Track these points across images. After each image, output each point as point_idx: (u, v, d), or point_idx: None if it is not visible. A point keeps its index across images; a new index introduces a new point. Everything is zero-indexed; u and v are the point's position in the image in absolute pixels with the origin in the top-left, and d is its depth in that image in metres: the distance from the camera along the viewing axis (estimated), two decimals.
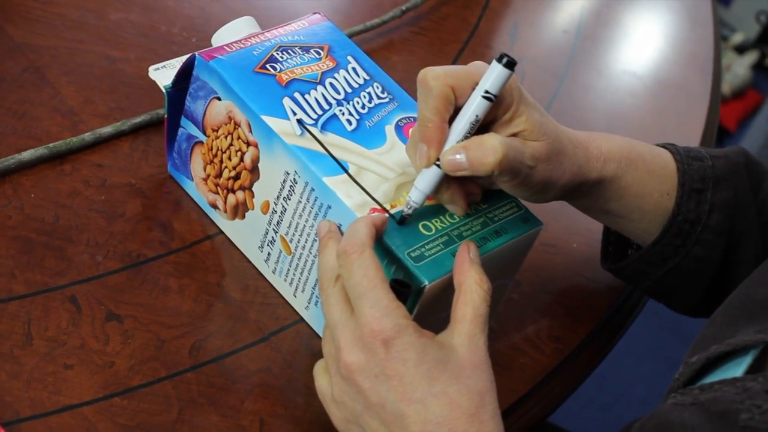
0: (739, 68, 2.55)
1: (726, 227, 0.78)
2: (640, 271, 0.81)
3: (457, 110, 0.68)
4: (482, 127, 0.68)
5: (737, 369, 0.61)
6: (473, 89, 0.67)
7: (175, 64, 0.80)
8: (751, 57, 2.59)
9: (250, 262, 0.79)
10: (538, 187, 0.71)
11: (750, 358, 0.61)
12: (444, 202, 0.71)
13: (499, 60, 0.66)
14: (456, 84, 0.67)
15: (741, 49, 2.64)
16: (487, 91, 0.67)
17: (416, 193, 0.69)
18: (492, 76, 0.67)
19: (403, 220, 0.69)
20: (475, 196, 0.72)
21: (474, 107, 0.67)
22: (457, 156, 0.67)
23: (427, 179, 0.68)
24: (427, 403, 0.61)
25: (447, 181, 0.69)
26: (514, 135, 0.69)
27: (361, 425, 0.64)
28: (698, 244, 0.78)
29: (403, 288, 0.66)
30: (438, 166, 0.68)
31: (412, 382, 0.62)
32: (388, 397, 0.62)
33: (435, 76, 0.67)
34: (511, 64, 0.66)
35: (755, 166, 0.81)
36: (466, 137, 0.68)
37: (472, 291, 0.65)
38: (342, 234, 0.68)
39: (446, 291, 0.68)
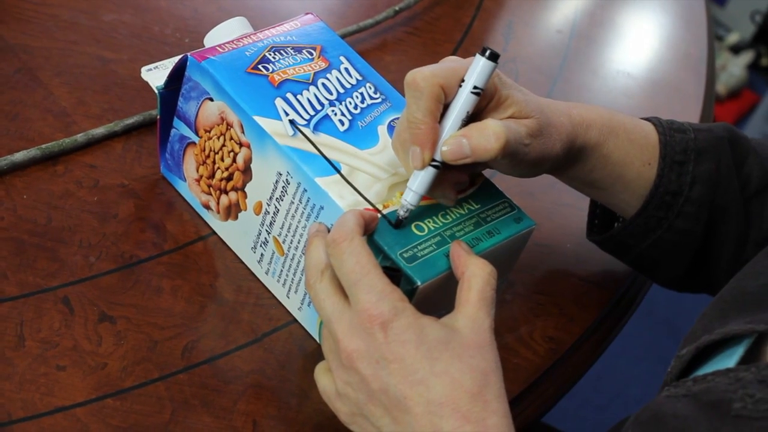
0: (735, 68, 2.55)
1: (708, 200, 0.79)
2: (624, 243, 0.82)
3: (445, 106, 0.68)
4: (469, 118, 0.69)
5: (729, 360, 0.61)
6: (459, 86, 0.68)
7: (168, 65, 0.80)
8: (747, 57, 2.59)
9: (243, 263, 0.79)
10: (533, 163, 0.72)
11: (742, 349, 0.62)
12: (436, 197, 0.71)
13: (482, 53, 0.67)
14: (445, 83, 0.67)
15: (736, 49, 2.64)
16: (475, 86, 0.67)
17: (411, 195, 0.69)
18: (477, 70, 0.67)
19: (399, 224, 0.69)
20: (462, 184, 0.72)
21: (462, 103, 0.68)
22: (459, 146, 0.67)
23: (421, 180, 0.68)
24: (429, 384, 0.61)
25: (438, 176, 0.69)
26: (506, 119, 0.70)
27: (366, 415, 0.63)
28: (680, 217, 0.79)
29: (394, 272, 0.66)
30: (433, 166, 0.68)
31: (413, 363, 0.61)
32: (390, 381, 0.61)
33: (424, 77, 0.67)
34: (494, 56, 0.67)
35: (739, 141, 0.81)
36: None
37: (475, 275, 0.64)
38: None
39: (439, 291, 0.68)
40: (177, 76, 0.77)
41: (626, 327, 0.92)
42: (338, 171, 0.71)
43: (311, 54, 0.77)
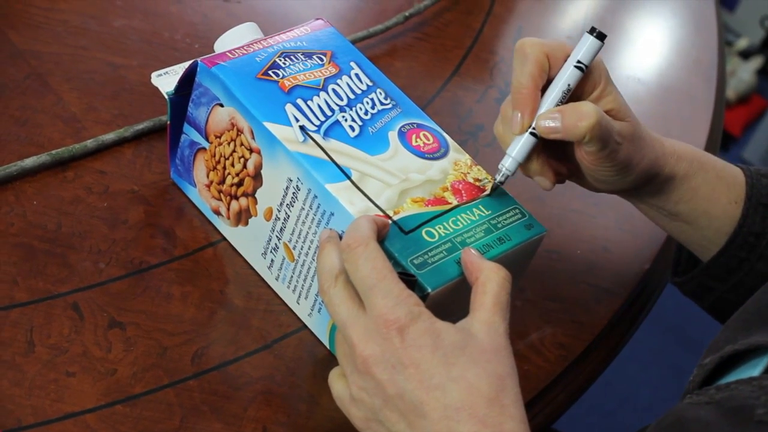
0: (744, 73, 2.54)
1: None
2: (705, 285, 0.82)
3: (548, 82, 0.71)
4: (571, 95, 0.72)
5: (753, 371, 0.61)
6: (565, 61, 0.71)
7: (178, 71, 0.80)
8: (756, 62, 2.59)
9: (253, 269, 0.79)
10: (620, 165, 0.73)
11: (766, 360, 0.61)
12: (532, 173, 0.74)
13: (591, 32, 0.70)
14: (551, 53, 0.70)
15: (746, 55, 2.63)
16: (579, 61, 0.71)
17: (509, 161, 0.72)
18: (584, 47, 0.71)
19: (495, 189, 0.72)
20: (562, 176, 0.75)
21: (566, 77, 0.71)
22: (552, 119, 0.70)
23: (519, 147, 0.72)
24: (446, 389, 0.61)
25: (537, 151, 0.71)
26: None
27: (381, 421, 0.63)
28: (762, 260, 0.79)
29: (409, 278, 0.66)
30: (531, 134, 0.71)
31: (429, 368, 0.61)
32: (407, 386, 0.61)
33: (532, 44, 0.70)
34: (601, 36, 0.70)
35: None
36: (558, 106, 0.71)
37: (490, 279, 0.64)
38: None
39: (450, 298, 0.68)
40: (187, 82, 0.76)
41: (635, 332, 0.91)
42: (348, 177, 0.71)
43: (322, 60, 0.77)
